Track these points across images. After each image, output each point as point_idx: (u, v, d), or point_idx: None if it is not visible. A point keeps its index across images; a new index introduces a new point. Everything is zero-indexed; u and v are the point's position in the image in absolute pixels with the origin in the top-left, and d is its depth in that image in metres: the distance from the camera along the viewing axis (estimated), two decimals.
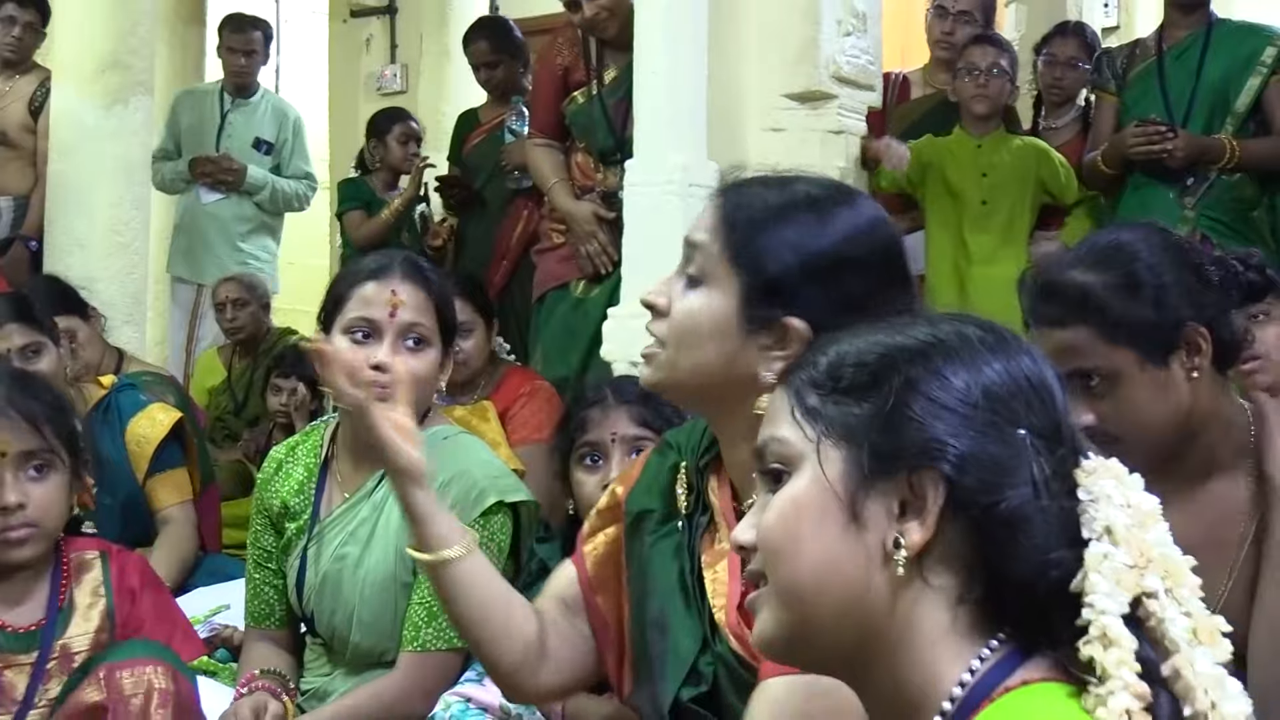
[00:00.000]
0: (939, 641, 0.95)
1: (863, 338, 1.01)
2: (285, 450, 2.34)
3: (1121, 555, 0.92)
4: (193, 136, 5.44)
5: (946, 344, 0.99)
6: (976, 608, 0.96)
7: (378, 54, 6.92)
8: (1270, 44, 3.58)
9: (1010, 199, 3.94)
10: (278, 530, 2.29)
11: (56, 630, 2.00)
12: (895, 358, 0.98)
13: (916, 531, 0.95)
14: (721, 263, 1.42)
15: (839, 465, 0.97)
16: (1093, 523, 0.94)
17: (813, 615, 0.97)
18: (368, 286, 2.13)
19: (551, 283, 3.80)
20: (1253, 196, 3.64)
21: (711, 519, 1.52)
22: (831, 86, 3.53)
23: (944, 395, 0.96)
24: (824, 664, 1.03)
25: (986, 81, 3.98)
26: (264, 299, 5.06)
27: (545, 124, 3.86)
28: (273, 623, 2.29)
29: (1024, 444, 0.95)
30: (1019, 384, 0.97)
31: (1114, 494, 0.94)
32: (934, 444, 0.95)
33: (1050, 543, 0.93)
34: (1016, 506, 0.93)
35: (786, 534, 0.98)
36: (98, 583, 2.05)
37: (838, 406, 0.98)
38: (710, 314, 1.42)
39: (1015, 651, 0.95)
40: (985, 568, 0.95)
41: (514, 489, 2.19)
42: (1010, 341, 1.00)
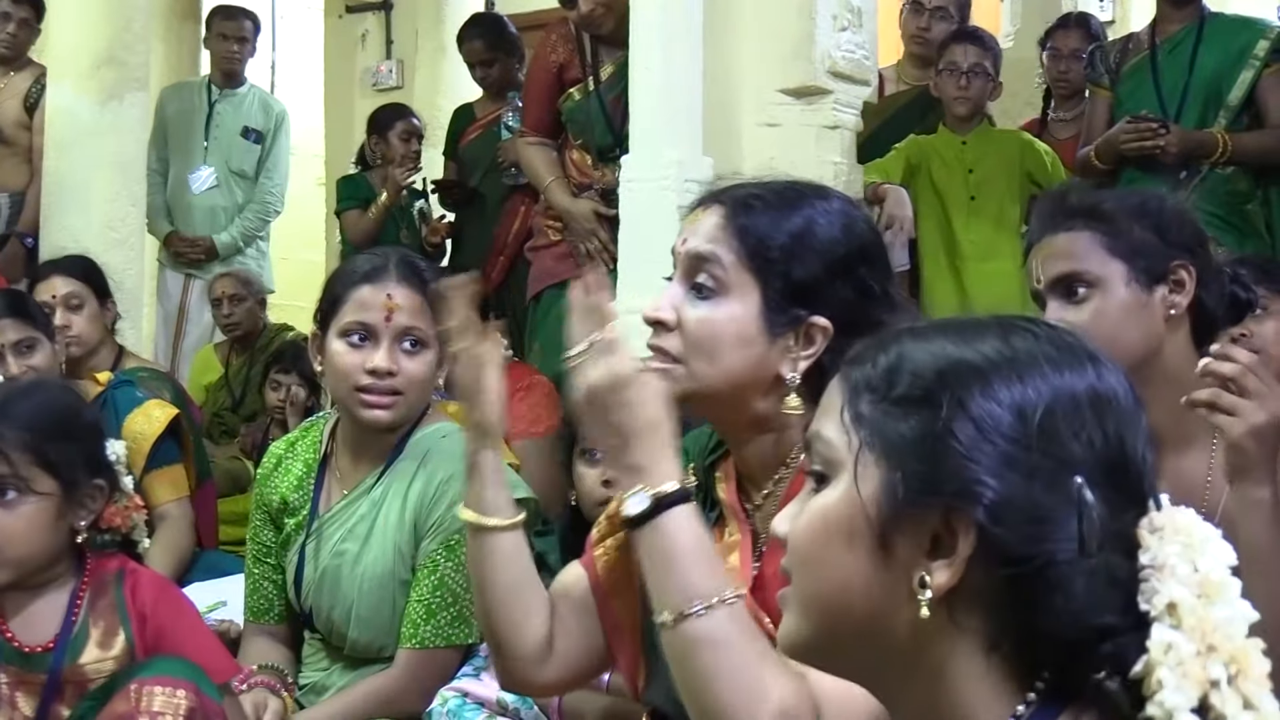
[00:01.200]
0: (975, 685, 0.91)
1: (929, 341, 0.95)
2: (285, 445, 2.34)
3: (1186, 645, 0.84)
4: (179, 128, 5.43)
5: (1011, 360, 0.91)
6: (1013, 654, 0.90)
7: (373, 49, 6.92)
8: (1263, 37, 3.58)
9: (998, 193, 3.96)
10: (277, 525, 2.29)
11: (67, 655, 1.93)
12: (951, 375, 0.91)
13: (943, 574, 0.89)
14: (739, 271, 1.43)
15: (874, 485, 0.91)
16: (1153, 596, 0.86)
17: (833, 631, 0.95)
18: (363, 290, 2.13)
19: (548, 280, 3.80)
20: (1247, 190, 3.64)
21: (720, 515, 1.53)
22: (827, 81, 3.53)
23: (993, 425, 0.89)
24: (847, 672, 1.00)
25: (968, 83, 4.00)
26: (260, 294, 5.06)
27: (538, 121, 3.86)
28: (272, 618, 2.30)
29: (1076, 492, 0.87)
30: (1080, 407, 0.90)
31: (1179, 564, 0.86)
32: (972, 484, 0.87)
33: (1094, 606, 0.87)
34: (1056, 564, 0.87)
35: (814, 546, 0.95)
36: (114, 607, 1.98)
37: (886, 417, 0.92)
38: (733, 323, 1.43)
39: (1057, 698, 0.90)
40: (1017, 619, 0.89)
41: (515, 486, 2.19)
42: (1080, 354, 0.93)
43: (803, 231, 1.44)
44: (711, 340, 1.43)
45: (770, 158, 3.54)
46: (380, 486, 2.19)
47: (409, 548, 2.15)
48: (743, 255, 1.43)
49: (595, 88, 3.69)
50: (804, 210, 1.45)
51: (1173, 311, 1.81)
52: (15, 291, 3.33)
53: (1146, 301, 1.80)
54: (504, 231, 4.56)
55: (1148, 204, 1.87)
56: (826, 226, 1.45)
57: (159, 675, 1.83)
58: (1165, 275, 1.81)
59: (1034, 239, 1.91)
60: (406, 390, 2.12)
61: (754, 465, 1.50)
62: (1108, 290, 1.80)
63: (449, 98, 5.90)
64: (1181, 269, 1.81)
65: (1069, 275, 1.82)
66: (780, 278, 1.42)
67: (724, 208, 1.47)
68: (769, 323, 1.43)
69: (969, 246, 3.92)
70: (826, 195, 1.50)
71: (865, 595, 0.92)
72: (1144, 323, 1.80)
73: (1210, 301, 1.84)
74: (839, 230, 1.45)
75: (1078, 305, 1.82)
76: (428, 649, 2.12)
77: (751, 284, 1.43)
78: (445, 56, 6.04)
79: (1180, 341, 1.83)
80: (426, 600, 2.12)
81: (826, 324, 1.42)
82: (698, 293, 1.45)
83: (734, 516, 1.52)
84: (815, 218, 1.45)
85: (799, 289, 1.43)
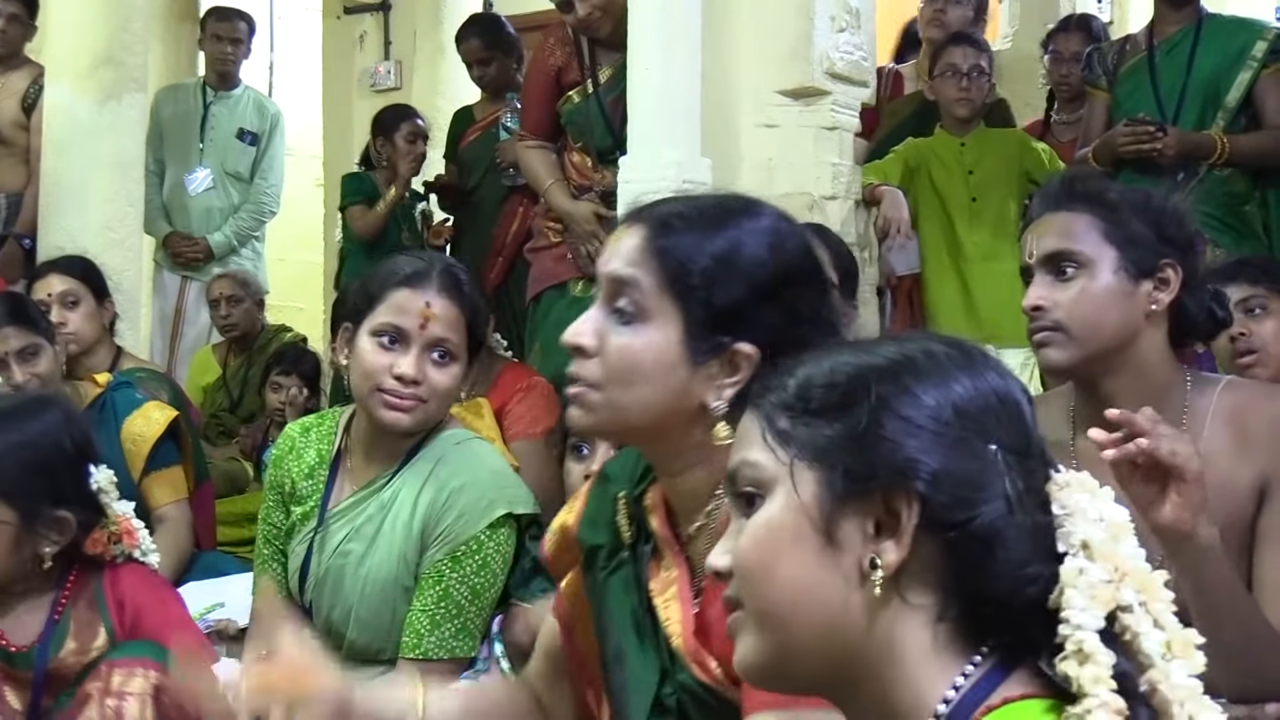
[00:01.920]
0: (922, 660, 0.95)
1: (830, 358, 1.01)
2: (300, 429, 2.33)
3: (1097, 570, 0.92)
4: (175, 129, 5.43)
5: (916, 362, 0.98)
6: (956, 624, 0.95)
7: (371, 50, 6.91)
8: (1260, 38, 3.59)
9: (999, 193, 3.96)
10: (286, 510, 2.29)
11: (50, 650, 2.01)
12: (866, 377, 0.97)
13: (892, 551, 0.94)
14: (659, 296, 1.36)
15: (812, 487, 0.96)
16: (1069, 537, 0.93)
17: (791, 638, 0.97)
18: (402, 292, 2.11)
19: (548, 281, 3.79)
20: (1245, 191, 3.64)
21: (655, 547, 1.48)
22: (825, 83, 3.53)
23: (916, 413, 0.95)
24: (806, 686, 1.02)
25: (969, 85, 4.00)
26: (257, 295, 5.06)
27: (537, 125, 3.85)
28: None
29: (995, 459, 0.95)
30: (988, 400, 0.97)
31: (1088, 508, 0.94)
32: (907, 462, 0.94)
33: (1025, 557, 0.93)
34: (990, 522, 0.93)
35: (761, 558, 0.97)
36: (92, 601, 2.05)
37: (809, 428, 0.97)
38: (652, 350, 1.36)
39: (999, 666, 0.94)
40: (962, 585, 0.94)
41: (523, 501, 2.19)
42: (977, 358, 1.00)
43: (726, 254, 1.36)
44: (630, 368, 1.36)
45: (768, 158, 3.54)
46: (390, 489, 2.18)
47: (414, 555, 2.15)
48: (663, 279, 1.35)
49: (594, 90, 3.68)
50: (728, 231, 1.37)
51: (1154, 307, 1.84)
52: (17, 296, 3.32)
53: (1131, 292, 1.83)
54: (503, 232, 4.56)
55: (1151, 200, 1.90)
56: (753, 248, 1.36)
57: (127, 657, 1.90)
58: (1153, 271, 1.84)
59: (1034, 216, 1.94)
60: (429, 399, 2.11)
61: (685, 496, 1.44)
62: (1096, 273, 1.84)
63: (447, 99, 5.90)
64: (1170, 267, 1.84)
65: (1062, 253, 1.86)
66: (702, 304, 1.35)
67: (645, 228, 1.39)
68: (691, 350, 1.35)
69: (972, 248, 3.92)
70: (756, 213, 1.41)
71: (819, 595, 0.96)
72: (1124, 311, 1.83)
73: (1192, 308, 1.87)
74: (765, 251, 1.37)
75: (1065, 283, 1.85)
76: (431, 660, 2.12)
77: (672, 310, 1.35)
78: (444, 57, 6.04)
79: (1157, 339, 1.86)
80: (431, 611, 2.11)
81: (752, 350, 1.35)
82: (619, 317, 1.37)
83: (669, 549, 1.46)
84: (741, 239, 1.37)
85: (722, 315, 1.35)
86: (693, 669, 1.40)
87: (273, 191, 5.55)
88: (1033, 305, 1.86)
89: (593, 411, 1.39)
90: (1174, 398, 1.85)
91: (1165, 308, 1.85)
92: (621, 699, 1.48)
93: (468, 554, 2.12)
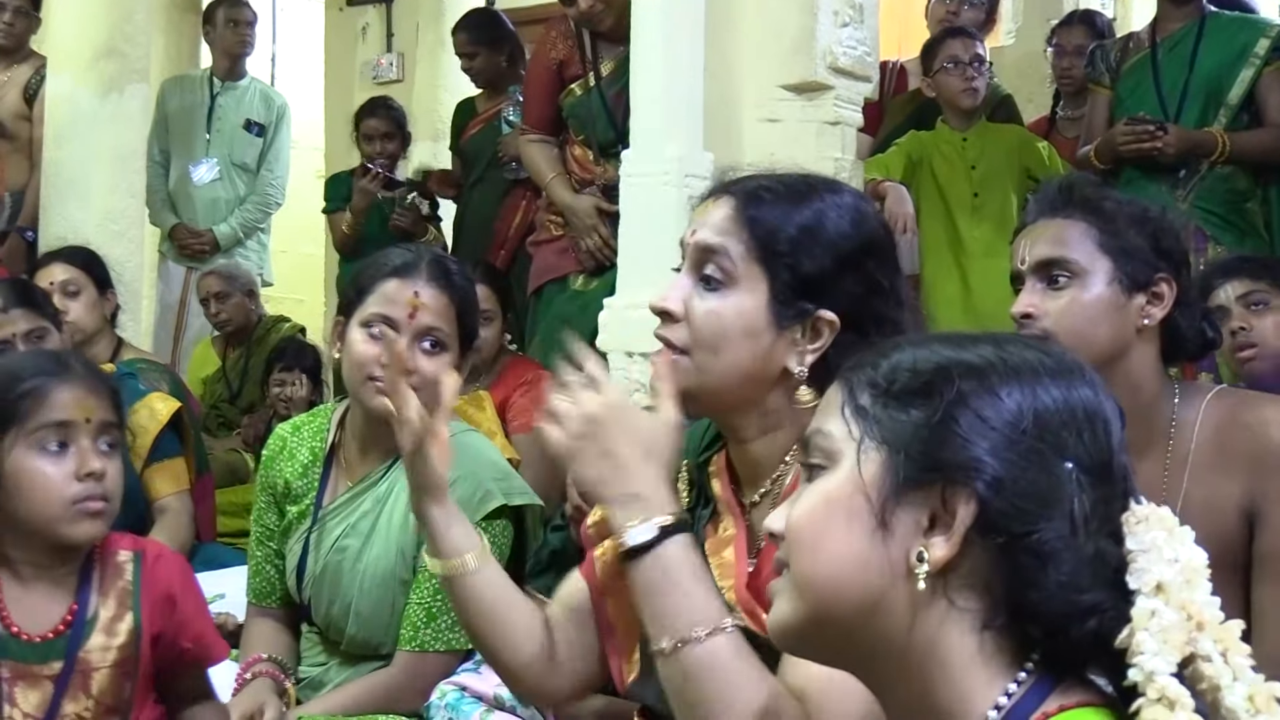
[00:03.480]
0: (968, 664, 0.94)
1: (926, 346, 1.00)
2: (290, 429, 2.33)
3: (1170, 614, 0.89)
4: (181, 120, 5.44)
5: (1007, 364, 0.96)
6: (1003, 634, 0.94)
7: (374, 43, 6.91)
8: (1264, 35, 3.59)
9: (1001, 189, 3.96)
10: (280, 510, 2.29)
11: (81, 641, 1.82)
12: (952, 370, 0.96)
13: (941, 547, 0.93)
14: (747, 263, 1.42)
15: (876, 468, 0.96)
16: (1143, 575, 0.91)
17: (828, 613, 0.96)
18: (390, 283, 2.12)
19: (549, 275, 3.80)
20: (1246, 188, 3.64)
21: (714, 511, 1.53)
22: (828, 77, 3.53)
23: (993, 415, 0.94)
24: (838, 661, 1.02)
25: (974, 75, 3.99)
26: (247, 287, 5.05)
27: (539, 118, 3.85)
28: (274, 600, 2.30)
29: (1068, 477, 0.93)
30: (1074, 414, 0.95)
31: (1164, 547, 0.91)
32: (973, 462, 0.93)
33: (1082, 583, 0.91)
34: (1048, 540, 0.91)
35: (813, 528, 0.97)
36: (126, 591, 1.86)
37: (886, 410, 0.97)
38: (740, 315, 1.42)
39: (1047, 677, 0.93)
40: (1010, 596, 0.93)
41: (520, 492, 2.19)
42: (1074, 370, 0.98)
43: (812, 224, 1.43)
44: (718, 332, 1.42)
45: (771, 153, 3.53)
46: (385, 483, 2.18)
47: (411, 548, 2.15)
48: (752, 247, 1.42)
49: (596, 84, 3.69)
50: (814, 203, 1.44)
51: (1146, 321, 1.82)
52: (24, 281, 3.34)
53: (1124, 305, 1.81)
54: (505, 226, 4.56)
55: (1148, 212, 1.87)
56: (837, 220, 1.44)
57: None
58: (1148, 285, 1.82)
59: (1028, 220, 1.91)
60: (421, 389, 2.11)
61: (754, 463, 1.49)
62: (1089, 283, 1.81)
63: (450, 91, 5.89)
64: (1164, 282, 1.82)
65: (1055, 260, 1.83)
66: (788, 270, 1.41)
67: (734, 199, 1.46)
68: (776, 315, 1.42)
69: (973, 244, 3.92)
70: (838, 189, 1.49)
71: (863, 576, 0.95)
72: (1116, 324, 1.81)
73: (1184, 325, 1.85)
74: (849, 224, 1.44)
75: (1056, 292, 1.83)
76: (427, 652, 2.12)
77: (760, 276, 1.42)
78: (445, 50, 6.02)
79: (1148, 354, 1.84)
80: (427, 604, 2.11)
81: (834, 318, 1.41)
82: (706, 284, 1.44)
83: (729, 512, 1.51)
84: (825, 211, 1.44)
85: (807, 282, 1.41)
86: (743, 618, 1.42)
87: (279, 183, 5.55)
88: (1022, 312, 1.83)
89: (684, 375, 1.43)
90: (1162, 411, 1.83)
91: (1157, 323, 1.83)
92: None
93: None
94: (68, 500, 1.77)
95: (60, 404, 1.79)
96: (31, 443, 1.78)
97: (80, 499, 1.78)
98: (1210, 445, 1.81)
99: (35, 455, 1.78)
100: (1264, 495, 1.77)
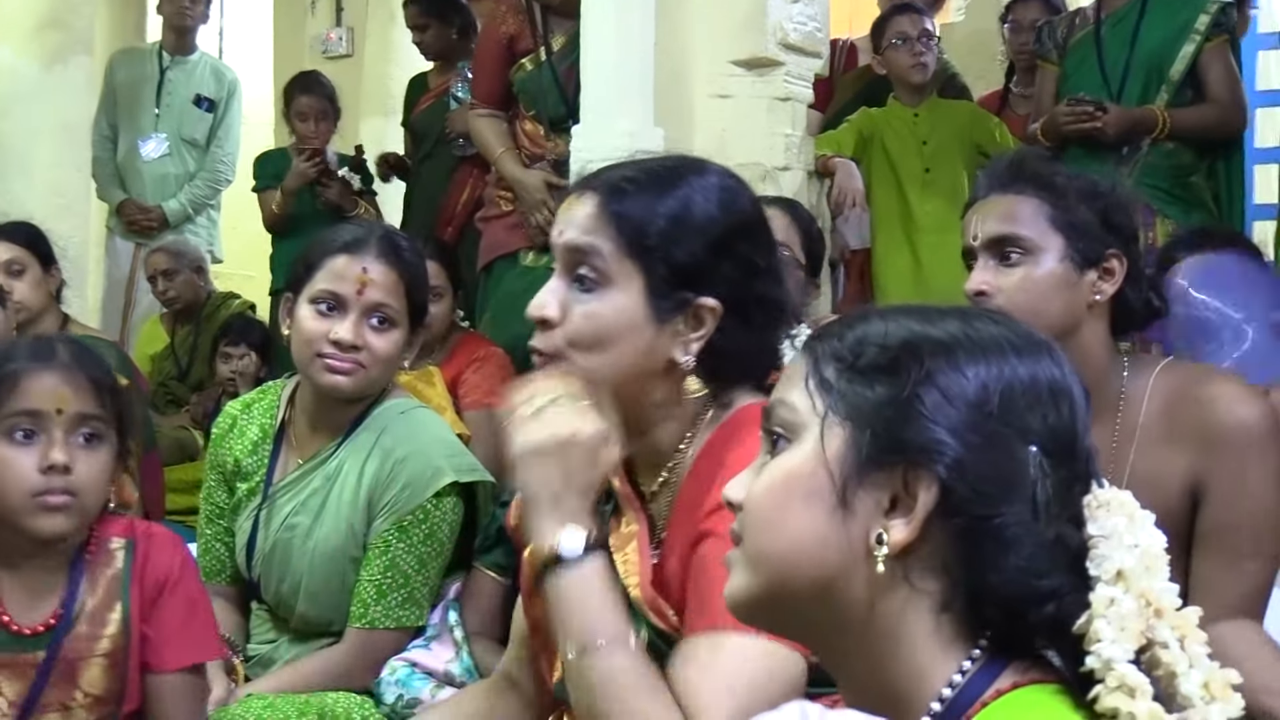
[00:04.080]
0: (924, 643, 0.93)
1: (892, 320, 0.98)
2: (240, 406, 2.32)
3: (1129, 602, 0.88)
4: (130, 94, 5.36)
5: (975, 341, 0.95)
6: (960, 616, 0.93)
7: (323, 17, 6.85)
8: (1204, 11, 3.60)
9: (952, 164, 3.98)
10: (230, 488, 2.28)
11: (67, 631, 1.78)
12: (919, 345, 0.94)
13: (901, 530, 0.92)
14: (620, 260, 1.40)
15: (839, 444, 0.94)
16: (1103, 562, 0.90)
17: (783, 589, 0.96)
18: (339, 260, 2.11)
19: (499, 251, 3.79)
20: (1191, 162, 3.66)
21: (616, 505, 1.51)
22: (779, 53, 3.54)
23: (959, 396, 0.92)
24: (792, 635, 1.03)
25: (923, 50, 4.01)
26: (195, 264, 4.99)
27: (489, 93, 3.83)
28: (224, 579, 2.29)
29: (1032, 462, 0.91)
30: (1040, 394, 0.94)
31: (1124, 533, 0.91)
32: (935, 444, 0.91)
33: (1041, 566, 0.90)
34: (1009, 524, 0.90)
35: (773, 503, 0.96)
36: (116, 580, 1.82)
37: (851, 384, 0.95)
38: (618, 313, 1.40)
39: (1000, 654, 0.93)
40: (969, 579, 0.92)
41: (469, 469, 2.19)
42: (1040, 347, 0.97)
43: (680, 213, 1.40)
44: (599, 334, 1.40)
45: (722, 129, 3.54)
46: (335, 460, 2.17)
47: (361, 525, 2.14)
48: (621, 244, 1.40)
49: (547, 58, 3.67)
50: (679, 190, 1.42)
51: (1097, 297, 1.83)
52: None
53: (1076, 281, 1.81)
54: (452, 202, 4.54)
55: (1098, 187, 1.87)
56: (704, 204, 1.41)
57: None
58: (1099, 261, 1.82)
59: (978, 196, 1.90)
60: (370, 365, 2.11)
61: (649, 453, 1.48)
62: (1041, 260, 1.81)
63: (400, 66, 5.86)
64: (1115, 258, 1.83)
65: (1007, 237, 1.83)
66: (662, 263, 1.39)
67: (598, 195, 1.42)
68: (655, 309, 1.40)
69: (925, 218, 3.95)
70: (703, 170, 1.46)
71: (820, 554, 0.94)
72: (1067, 301, 1.81)
73: (1133, 299, 1.86)
74: (716, 207, 1.42)
75: (1008, 268, 1.83)
76: (377, 629, 2.12)
77: (633, 272, 1.40)
78: (396, 24, 5.99)
79: (1099, 330, 1.85)
80: (378, 581, 2.11)
81: (715, 304, 1.40)
82: (580, 285, 1.41)
83: (629, 506, 1.50)
84: (692, 196, 1.41)
85: (682, 272, 1.39)
86: (650, 617, 1.43)
87: (229, 160, 5.49)
88: (975, 290, 1.83)
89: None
90: (1111, 384, 1.85)
91: (1108, 298, 1.83)
92: None
93: (414, 524, 2.11)
94: (27, 492, 1.73)
95: (32, 392, 1.74)
96: (3, 430, 1.74)
97: (40, 492, 1.73)
98: (1158, 418, 1.83)
99: (4, 443, 1.74)
100: (1209, 470, 1.78)
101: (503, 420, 1.39)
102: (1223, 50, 3.60)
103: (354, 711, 2.03)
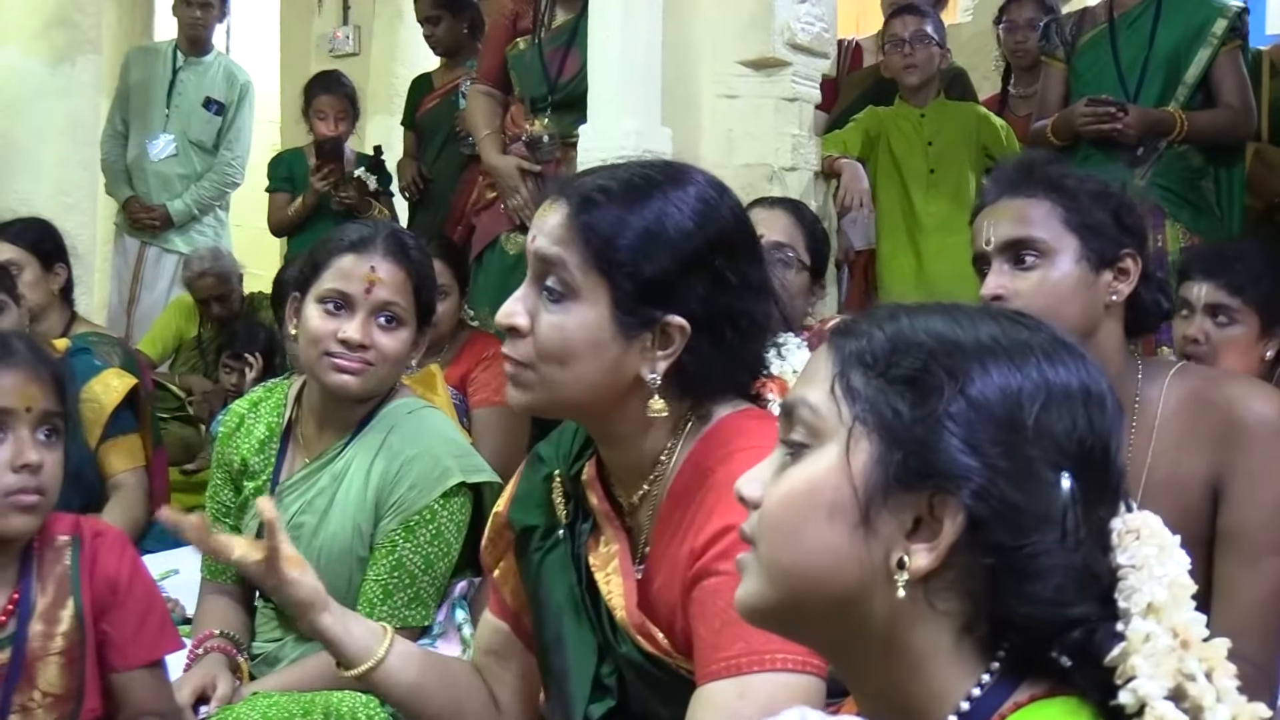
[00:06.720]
0: (943, 662, 0.91)
1: (926, 322, 0.93)
2: (248, 405, 2.31)
3: (1164, 638, 0.86)
4: (142, 93, 5.36)
5: (1009, 349, 0.91)
6: (983, 638, 0.91)
7: (330, 15, 6.85)
8: (1221, 15, 3.60)
9: (957, 165, 3.98)
10: (236, 487, 2.28)
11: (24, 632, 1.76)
12: (952, 357, 0.90)
13: (924, 557, 0.88)
14: (586, 273, 1.35)
15: (865, 459, 0.90)
16: (1133, 594, 0.87)
17: (797, 603, 0.93)
18: (346, 259, 2.11)
19: (486, 239, 3.80)
20: (1200, 166, 3.66)
21: (595, 524, 1.48)
22: (786, 54, 3.54)
23: (991, 415, 0.89)
24: (804, 644, 1.01)
25: (913, 50, 4.01)
26: (239, 277, 4.98)
27: (490, 70, 3.85)
28: (228, 577, 2.28)
29: (1064, 488, 0.88)
30: (1074, 409, 0.90)
31: (1154, 565, 0.88)
32: (963, 469, 0.87)
33: (1068, 595, 0.87)
34: (1038, 553, 0.87)
35: (793, 513, 0.92)
36: (65, 576, 1.79)
37: (882, 395, 0.91)
38: (583, 328, 1.35)
39: (1016, 667, 0.91)
40: (994, 605, 0.89)
41: (477, 469, 2.18)
42: (1075, 355, 0.93)
43: (652, 228, 1.35)
44: (563, 347, 1.36)
45: (728, 129, 3.54)
46: (343, 460, 2.17)
47: (368, 525, 2.14)
48: (588, 257, 1.35)
49: (539, 38, 3.67)
50: (653, 203, 1.36)
51: (1113, 298, 1.81)
52: None
53: (1092, 282, 1.80)
54: (462, 201, 4.53)
55: (1109, 189, 1.86)
56: (679, 219, 1.36)
57: None
58: (1114, 261, 1.81)
59: (988, 200, 1.89)
60: (377, 364, 2.11)
61: (626, 467, 1.45)
62: (1057, 262, 1.80)
63: (406, 65, 5.86)
64: (1130, 258, 1.82)
65: (1022, 240, 1.81)
66: (629, 278, 1.34)
67: (568, 204, 1.38)
68: (621, 325, 1.35)
69: (929, 219, 3.95)
70: (682, 180, 1.40)
71: (840, 571, 0.91)
72: (1085, 302, 1.80)
73: (1147, 299, 1.85)
74: (691, 221, 1.36)
75: (1024, 272, 1.81)
76: None
77: (600, 286, 1.35)
78: (403, 23, 6.00)
79: (1114, 330, 1.84)
80: (384, 581, 2.11)
81: (683, 322, 1.35)
82: (549, 295, 1.37)
83: (609, 524, 1.46)
84: (666, 210, 1.36)
85: (650, 288, 1.34)
86: (637, 640, 1.40)
87: (238, 162, 5.48)
88: (992, 295, 1.80)
89: (529, 390, 1.39)
90: (1127, 388, 1.84)
91: (1124, 299, 1.82)
92: (562, 683, 1.48)
93: (421, 523, 2.11)
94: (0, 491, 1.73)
95: (1, 391, 1.74)
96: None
97: (13, 491, 1.73)
98: (1175, 420, 1.82)
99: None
100: (1230, 468, 1.78)
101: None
102: (1236, 55, 3.60)
103: (359, 710, 2.02)
